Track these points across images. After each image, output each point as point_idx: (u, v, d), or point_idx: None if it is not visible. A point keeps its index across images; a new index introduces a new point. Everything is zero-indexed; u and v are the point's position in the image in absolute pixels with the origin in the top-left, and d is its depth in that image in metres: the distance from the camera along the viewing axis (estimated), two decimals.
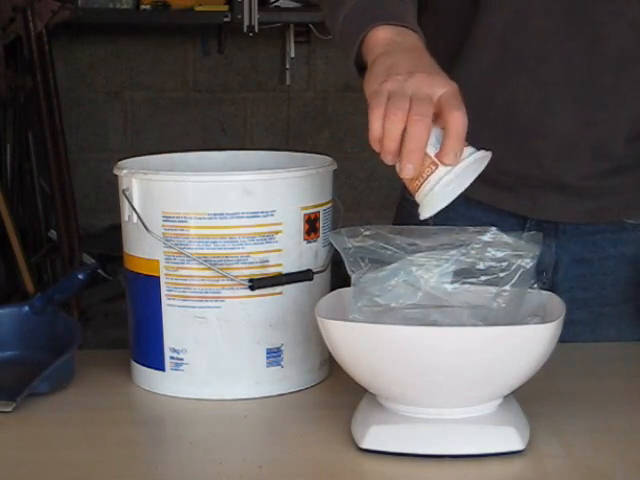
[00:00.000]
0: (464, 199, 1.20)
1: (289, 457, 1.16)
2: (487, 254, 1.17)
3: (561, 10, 1.39)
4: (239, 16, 3.92)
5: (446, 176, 1.09)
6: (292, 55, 4.28)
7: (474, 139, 1.13)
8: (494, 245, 1.17)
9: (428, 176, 1.10)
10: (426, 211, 1.13)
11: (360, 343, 1.12)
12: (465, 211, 1.48)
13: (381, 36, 1.16)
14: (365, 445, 1.13)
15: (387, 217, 1.65)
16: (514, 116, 1.44)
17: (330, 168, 1.36)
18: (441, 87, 1.09)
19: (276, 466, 1.13)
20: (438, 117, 1.09)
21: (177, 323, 1.31)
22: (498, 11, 1.40)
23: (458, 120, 1.07)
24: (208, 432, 1.22)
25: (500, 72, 1.43)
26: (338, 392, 1.30)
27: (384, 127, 1.07)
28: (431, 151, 1.09)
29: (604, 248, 1.51)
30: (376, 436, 1.13)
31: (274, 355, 1.32)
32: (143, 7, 4.02)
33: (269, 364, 1.31)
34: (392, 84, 1.09)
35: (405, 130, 1.06)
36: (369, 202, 4.38)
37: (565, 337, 1.16)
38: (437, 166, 1.09)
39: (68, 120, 4.01)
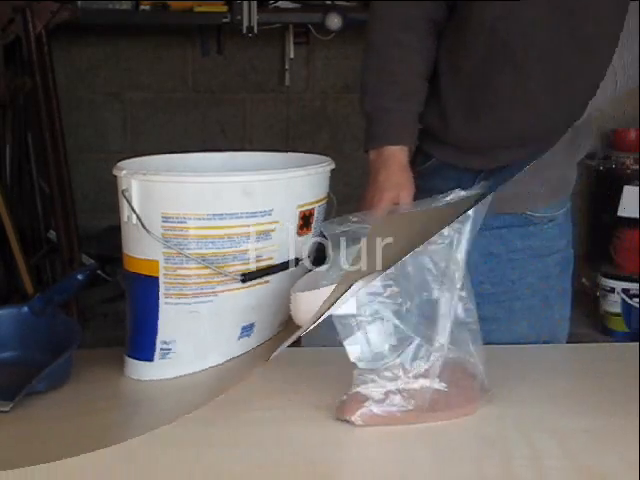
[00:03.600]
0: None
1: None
2: None
3: (546, 1, 1.41)
4: (238, 17, 3.92)
5: None
6: (291, 56, 4.28)
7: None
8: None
9: None
10: None
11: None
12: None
13: (372, 157, 1.48)
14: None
15: None
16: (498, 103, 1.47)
17: (327, 167, 1.36)
18: None
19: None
20: None
21: (172, 319, 1.32)
22: (488, 8, 1.44)
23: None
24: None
25: (488, 66, 1.45)
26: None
27: None
28: None
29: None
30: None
31: (246, 331, 1.36)
32: (142, 8, 4.02)
33: (240, 337, 1.36)
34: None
35: None
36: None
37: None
38: None
39: (68, 120, 4.00)
